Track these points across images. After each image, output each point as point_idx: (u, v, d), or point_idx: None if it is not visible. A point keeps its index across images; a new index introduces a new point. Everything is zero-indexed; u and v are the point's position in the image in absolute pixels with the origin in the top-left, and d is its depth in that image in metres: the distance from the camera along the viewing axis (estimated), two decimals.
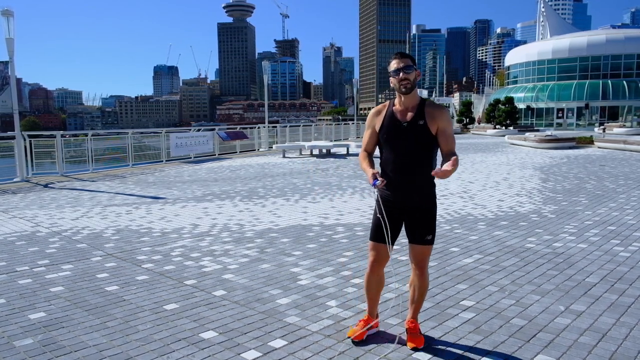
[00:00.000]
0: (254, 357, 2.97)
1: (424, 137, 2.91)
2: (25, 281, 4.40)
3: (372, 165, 3.01)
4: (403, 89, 2.92)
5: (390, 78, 2.97)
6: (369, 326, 3.21)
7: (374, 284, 3.19)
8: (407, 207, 3.01)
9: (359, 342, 3.15)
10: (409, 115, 2.95)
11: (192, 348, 3.08)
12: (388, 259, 3.12)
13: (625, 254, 5.10)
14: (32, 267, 4.81)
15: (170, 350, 3.04)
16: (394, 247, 3.17)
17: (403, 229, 3.12)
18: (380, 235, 3.05)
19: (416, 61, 3.03)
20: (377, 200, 3.06)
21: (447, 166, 2.65)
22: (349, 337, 3.18)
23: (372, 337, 3.22)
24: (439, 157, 2.99)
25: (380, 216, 3.02)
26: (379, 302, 3.35)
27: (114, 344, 3.13)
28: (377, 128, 3.05)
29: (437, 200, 3.10)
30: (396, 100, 3.03)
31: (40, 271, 4.69)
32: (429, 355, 2.98)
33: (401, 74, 2.89)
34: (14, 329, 3.38)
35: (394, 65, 2.92)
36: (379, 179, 2.84)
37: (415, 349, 3.04)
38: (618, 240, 5.67)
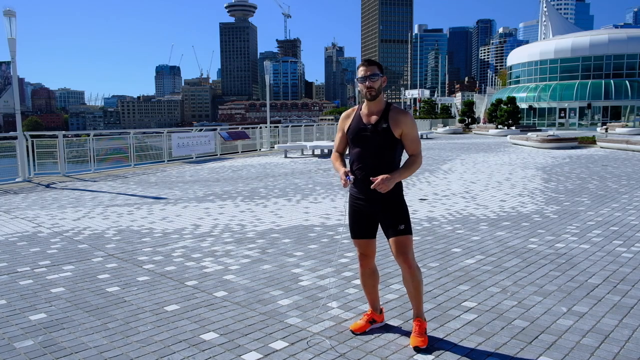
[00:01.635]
0: (255, 358, 2.96)
1: (386, 139, 3.07)
2: (26, 282, 4.40)
3: (343, 164, 3.24)
4: (368, 96, 3.08)
5: (358, 84, 3.13)
6: (372, 322, 3.35)
7: (367, 278, 3.33)
8: (374, 201, 3.11)
9: (360, 334, 3.29)
10: (374, 118, 3.11)
11: (192, 349, 3.07)
12: (374, 252, 3.30)
13: (628, 254, 5.07)
14: (33, 268, 4.81)
15: (170, 352, 3.04)
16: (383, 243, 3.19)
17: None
18: (357, 231, 3.23)
19: (383, 68, 3.17)
20: (346, 201, 3.28)
21: (382, 176, 2.92)
22: (351, 330, 3.31)
23: (375, 336, 3.21)
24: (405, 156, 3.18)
25: (345, 216, 3.28)
26: (379, 296, 3.46)
27: (114, 346, 3.12)
28: (346, 129, 3.24)
29: (403, 194, 3.20)
30: (364, 105, 3.20)
31: (41, 272, 4.69)
32: (431, 357, 2.96)
33: (367, 82, 3.05)
34: (15, 330, 3.37)
35: (360, 72, 3.08)
36: (350, 176, 3.06)
37: (417, 349, 3.03)
38: (621, 240, 5.65)
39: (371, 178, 2.96)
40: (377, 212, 3.13)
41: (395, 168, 3.12)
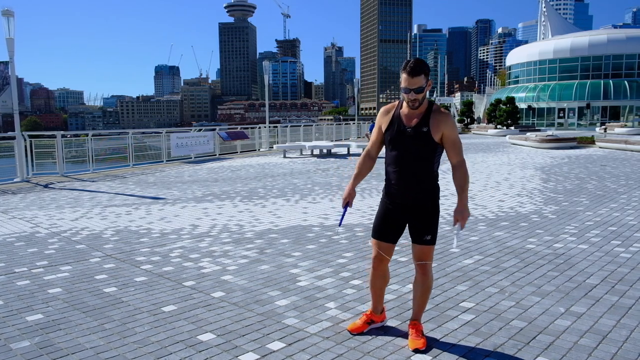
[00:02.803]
0: (252, 359, 2.95)
1: (426, 143, 2.93)
2: (24, 282, 4.38)
3: (357, 180, 3.19)
4: (411, 105, 2.92)
5: (402, 92, 2.92)
6: (370, 322, 3.30)
7: (379, 280, 3.25)
8: (408, 207, 3.04)
9: (357, 334, 3.25)
10: (414, 121, 2.95)
11: (189, 350, 3.06)
12: (390, 256, 3.19)
13: (626, 255, 5.07)
14: (31, 269, 4.80)
15: (167, 353, 3.03)
16: (395, 247, 3.24)
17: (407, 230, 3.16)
18: (382, 233, 3.13)
19: (429, 72, 2.91)
20: (382, 198, 3.20)
21: (464, 216, 3.03)
22: (348, 331, 3.28)
23: (373, 337, 3.20)
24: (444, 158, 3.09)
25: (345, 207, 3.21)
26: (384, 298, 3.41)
27: (111, 347, 3.11)
28: (384, 128, 3.07)
29: (439, 203, 3.13)
30: (404, 104, 3.00)
31: (38, 272, 4.67)
32: (429, 358, 2.96)
33: (411, 95, 2.86)
34: (11, 331, 3.36)
35: (404, 82, 2.84)
36: (348, 207, 3.16)
37: (416, 351, 3.02)
38: (619, 241, 5.64)
39: (456, 223, 3.01)
40: (410, 216, 3.05)
41: (434, 175, 3.03)
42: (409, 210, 3.04)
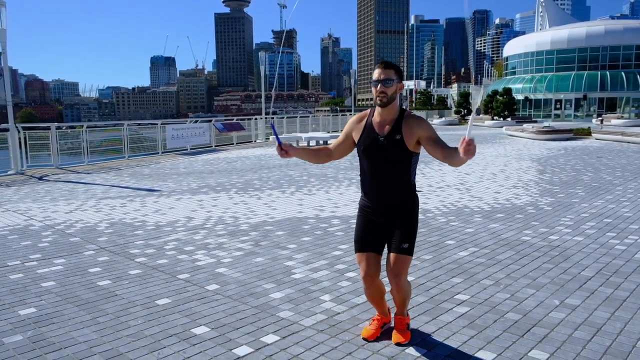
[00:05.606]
0: (246, 352, 2.94)
1: (399, 152, 2.84)
2: (17, 276, 4.35)
3: (303, 151, 3.04)
4: (379, 101, 2.84)
5: (372, 87, 2.87)
6: (383, 326, 3.19)
7: (375, 294, 3.09)
8: (387, 216, 2.94)
9: (372, 340, 3.10)
10: (387, 128, 2.86)
11: (183, 344, 3.05)
12: (379, 270, 3.00)
13: (621, 247, 5.07)
14: (24, 262, 4.77)
15: (161, 347, 3.01)
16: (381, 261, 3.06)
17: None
18: (364, 244, 2.98)
19: (402, 73, 2.91)
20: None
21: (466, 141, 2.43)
22: (363, 338, 3.10)
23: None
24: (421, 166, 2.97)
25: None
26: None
27: (105, 340, 3.09)
28: (356, 139, 2.97)
29: (418, 213, 3.02)
30: (376, 112, 2.93)
31: (31, 266, 4.64)
32: (424, 350, 2.95)
33: (379, 86, 2.79)
34: (4, 325, 3.34)
35: (375, 74, 2.82)
36: (281, 148, 2.88)
37: (398, 344, 3.02)
38: (614, 233, 5.65)
39: (464, 144, 2.42)
40: (388, 226, 2.94)
41: (411, 183, 2.92)
42: (387, 219, 2.93)
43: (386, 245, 3.02)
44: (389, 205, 2.92)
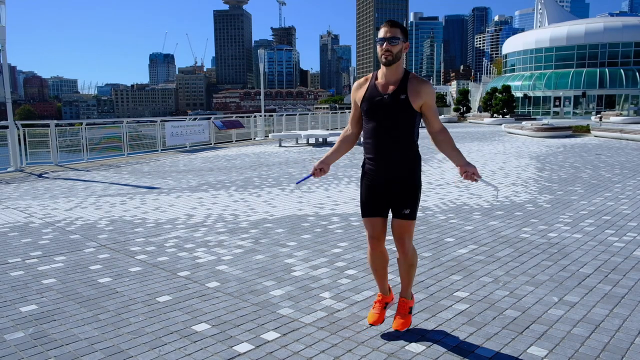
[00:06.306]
0: (247, 349, 2.96)
1: (405, 111, 2.83)
2: (17, 273, 4.37)
3: (333, 156, 3.11)
4: (384, 60, 2.82)
5: (377, 46, 2.87)
6: (386, 306, 3.23)
7: (378, 260, 3.13)
8: (389, 179, 2.94)
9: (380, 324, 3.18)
10: (391, 88, 2.85)
11: (184, 341, 3.06)
12: (384, 233, 3.07)
13: (620, 244, 5.09)
14: (25, 259, 4.78)
15: (162, 344, 3.03)
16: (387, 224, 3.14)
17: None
18: (370, 209, 3.02)
19: (408, 33, 2.92)
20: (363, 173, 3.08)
21: (469, 170, 2.87)
22: (370, 324, 3.18)
23: (367, 327, 3.21)
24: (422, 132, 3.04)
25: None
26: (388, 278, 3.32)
27: (106, 337, 3.11)
28: (359, 101, 2.96)
29: (421, 177, 3.03)
30: (379, 73, 2.92)
31: (32, 263, 4.66)
32: (422, 347, 2.97)
33: (385, 44, 2.79)
34: (5, 322, 3.35)
35: (381, 32, 2.82)
36: (314, 176, 3.07)
37: (397, 332, 3.08)
38: (613, 230, 5.67)
39: (461, 177, 2.89)
40: (391, 191, 2.95)
41: (414, 144, 2.92)
42: (389, 182, 2.94)
43: (391, 211, 3.04)
44: (391, 167, 2.91)
